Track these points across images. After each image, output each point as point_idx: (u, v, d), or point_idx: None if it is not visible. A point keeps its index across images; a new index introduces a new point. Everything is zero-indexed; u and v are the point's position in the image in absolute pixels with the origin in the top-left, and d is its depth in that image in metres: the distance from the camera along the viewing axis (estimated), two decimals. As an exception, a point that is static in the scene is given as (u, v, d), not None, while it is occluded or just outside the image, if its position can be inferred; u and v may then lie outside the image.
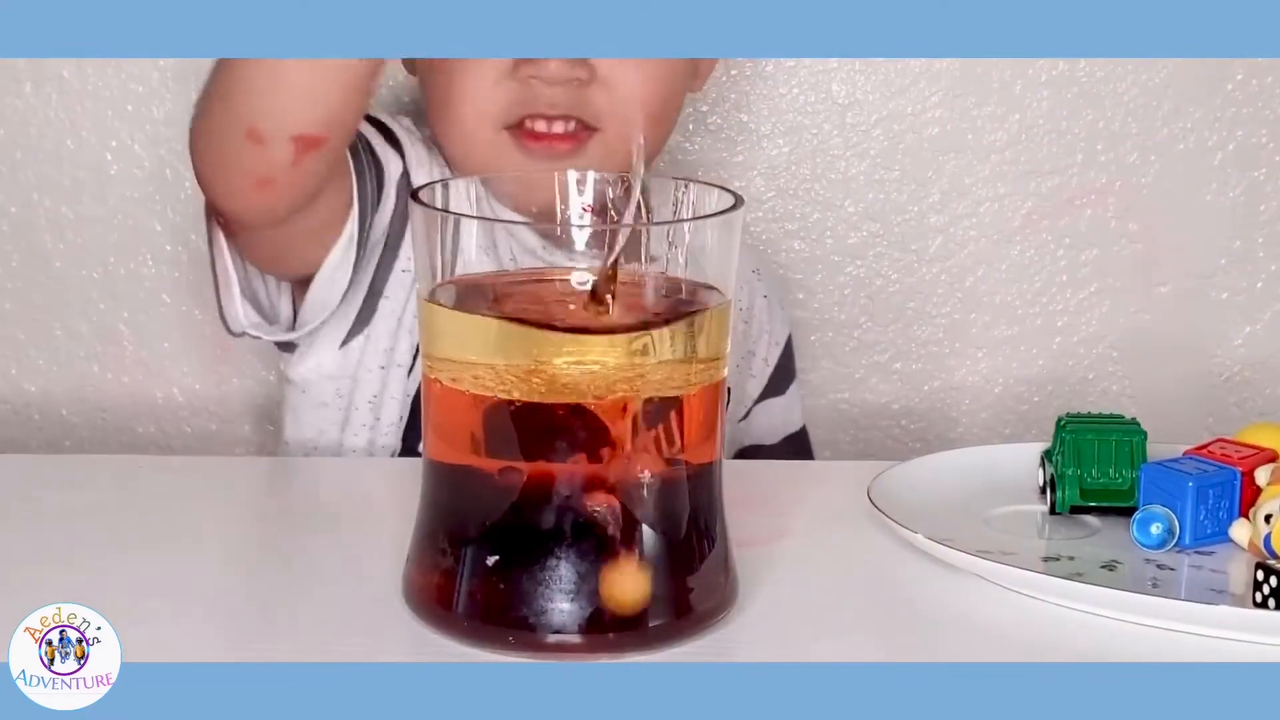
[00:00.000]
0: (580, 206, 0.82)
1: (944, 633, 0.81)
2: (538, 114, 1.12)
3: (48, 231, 1.42)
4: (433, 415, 0.78)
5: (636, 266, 0.76)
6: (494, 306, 0.78)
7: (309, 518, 0.92)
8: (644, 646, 0.75)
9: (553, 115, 1.12)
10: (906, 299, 1.45)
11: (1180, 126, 1.43)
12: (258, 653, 0.76)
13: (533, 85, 1.11)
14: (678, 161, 1.42)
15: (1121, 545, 0.88)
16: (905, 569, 0.86)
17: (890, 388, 1.46)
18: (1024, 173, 1.44)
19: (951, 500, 0.92)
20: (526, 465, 0.75)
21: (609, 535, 0.75)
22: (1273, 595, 0.80)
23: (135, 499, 0.94)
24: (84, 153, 1.41)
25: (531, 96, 1.11)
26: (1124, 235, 1.45)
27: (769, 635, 0.79)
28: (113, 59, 1.39)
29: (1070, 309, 1.46)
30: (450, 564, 0.77)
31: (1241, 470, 0.89)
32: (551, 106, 1.11)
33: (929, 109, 1.42)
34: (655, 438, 0.76)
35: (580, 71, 1.10)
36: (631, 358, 0.74)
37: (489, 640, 0.76)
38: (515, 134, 1.13)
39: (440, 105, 1.15)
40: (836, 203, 1.44)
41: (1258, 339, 1.47)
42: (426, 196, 0.78)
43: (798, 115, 1.43)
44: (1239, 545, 0.88)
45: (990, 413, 1.47)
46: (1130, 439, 0.92)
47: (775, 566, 0.85)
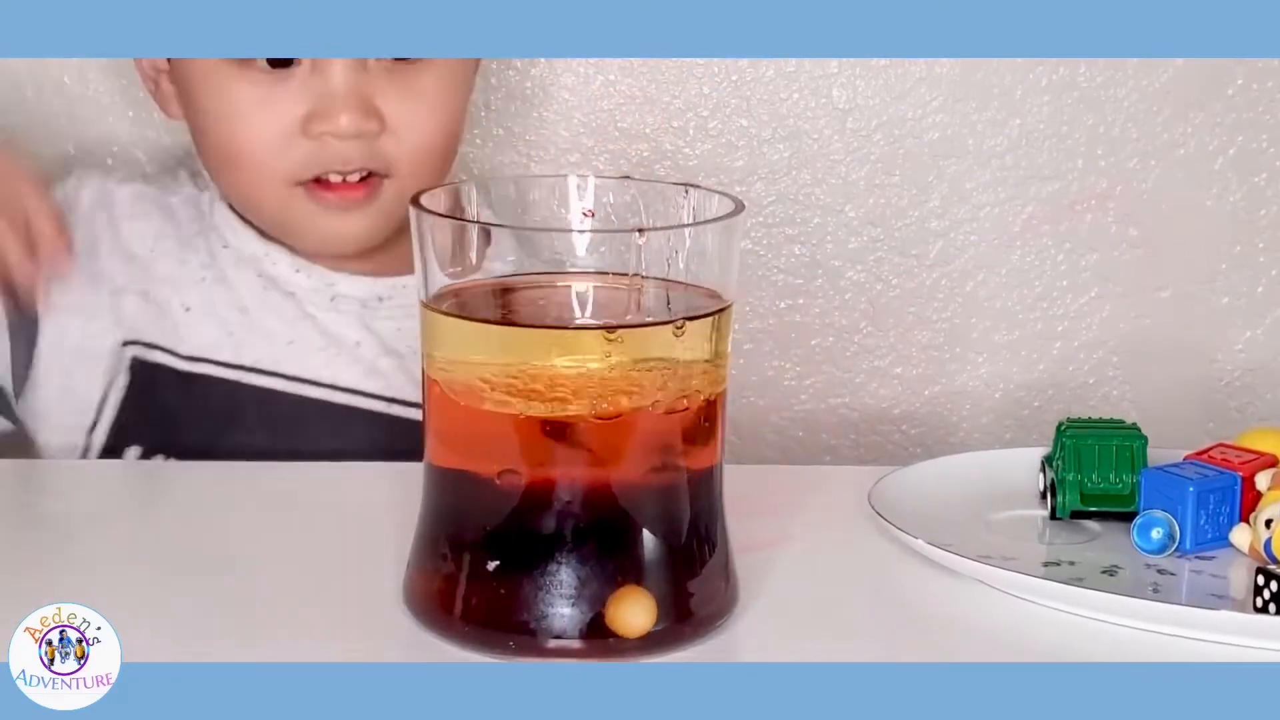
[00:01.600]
0: (580, 211, 0.82)
1: (945, 637, 0.81)
2: (332, 170, 1.11)
3: (49, 236, 1.42)
4: (433, 420, 0.78)
5: (637, 272, 0.76)
6: (494, 311, 0.78)
7: (310, 521, 0.92)
8: (644, 651, 0.75)
9: (347, 170, 1.11)
10: (907, 304, 1.45)
11: (1181, 131, 1.43)
12: (259, 655, 0.76)
13: (326, 142, 1.10)
14: (678, 167, 1.42)
15: (1122, 550, 0.88)
16: (906, 574, 0.86)
17: (891, 392, 1.46)
18: (1024, 177, 1.44)
19: (952, 505, 0.92)
20: (527, 470, 0.75)
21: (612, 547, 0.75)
22: (1273, 600, 0.80)
23: (136, 502, 0.94)
24: (85, 157, 1.41)
25: (326, 155, 1.11)
26: (1124, 240, 1.45)
27: (769, 640, 0.79)
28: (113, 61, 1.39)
29: (1071, 314, 1.46)
30: (451, 569, 0.77)
31: (1242, 475, 0.89)
32: (346, 163, 1.11)
33: (929, 114, 1.43)
34: (655, 443, 0.76)
35: (372, 124, 1.10)
36: (632, 363, 0.74)
37: (489, 645, 0.76)
38: (308, 187, 1.13)
39: (221, 160, 1.14)
40: (837, 208, 1.44)
41: (1258, 344, 1.47)
42: (427, 201, 0.78)
43: (798, 120, 1.43)
44: (1239, 550, 0.88)
45: (991, 417, 1.47)
46: (1131, 444, 0.92)
47: (776, 571, 0.85)
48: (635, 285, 0.76)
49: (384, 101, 1.11)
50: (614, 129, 1.43)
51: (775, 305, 1.45)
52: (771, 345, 1.46)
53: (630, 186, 0.83)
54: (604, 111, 1.42)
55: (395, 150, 1.12)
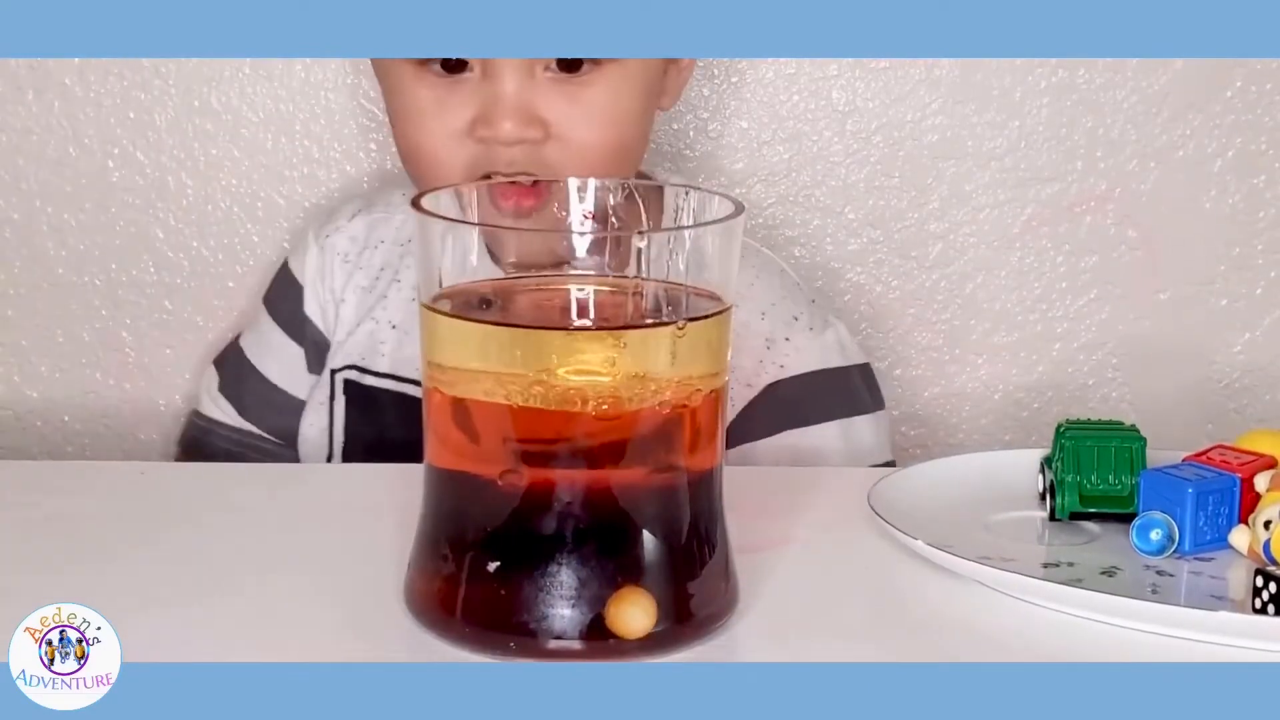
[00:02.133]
0: (581, 214, 0.83)
1: (944, 638, 0.81)
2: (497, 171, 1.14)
3: (50, 238, 1.42)
4: (434, 421, 0.78)
5: (637, 274, 0.77)
6: (494, 313, 0.78)
7: (310, 522, 0.93)
8: (645, 652, 0.76)
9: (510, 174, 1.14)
10: (906, 305, 1.45)
11: (1179, 133, 1.43)
12: (259, 655, 0.76)
13: (492, 146, 1.14)
14: (678, 168, 1.42)
15: (1121, 551, 0.88)
16: (906, 575, 0.86)
17: (890, 394, 1.46)
18: (1024, 179, 1.44)
19: (952, 506, 0.92)
20: (528, 471, 0.75)
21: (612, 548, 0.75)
22: (1272, 601, 0.80)
23: (136, 504, 0.94)
24: (86, 160, 1.41)
25: (492, 158, 1.14)
26: (1123, 242, 1.45)
27: (769, 641, 0.79)
28: (114, 64, 1.39)
29: (1070, 315, 1.46)
30: (451, 569, 0.77)
31: (1241, 476, 0.89)
32: (509, 165, 1.14)
33: (929, 116, 1.43)
34: (656, 444, 0.76)
35: (533, 132, 1.13)
36: (632, 364, 0.74)
37: (490, 646, 0.76)
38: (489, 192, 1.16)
39: (407, 156, 1.20)
40: (836, 209, 1.44)
41: (1257, 345, 1.47)
42: (427, 204, 0.78)
43: (798, 122, 1.43)
44: (1238, 551, 0.88)
45: (990, 419, 1.47)
46: (1130, 445, 0.92)
47: (776, 572, 0.86)
48: (636, 287, 0.76)
49: (548, 110, 1.14)
50: (614, 131, 1.43)
51: (775, 307, 1.45)
52: (771, 347, 1.45)
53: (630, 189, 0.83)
54: (604, 113, 1.42)
55: (560, 158, 1.14)
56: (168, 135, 1.41)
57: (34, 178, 1.41)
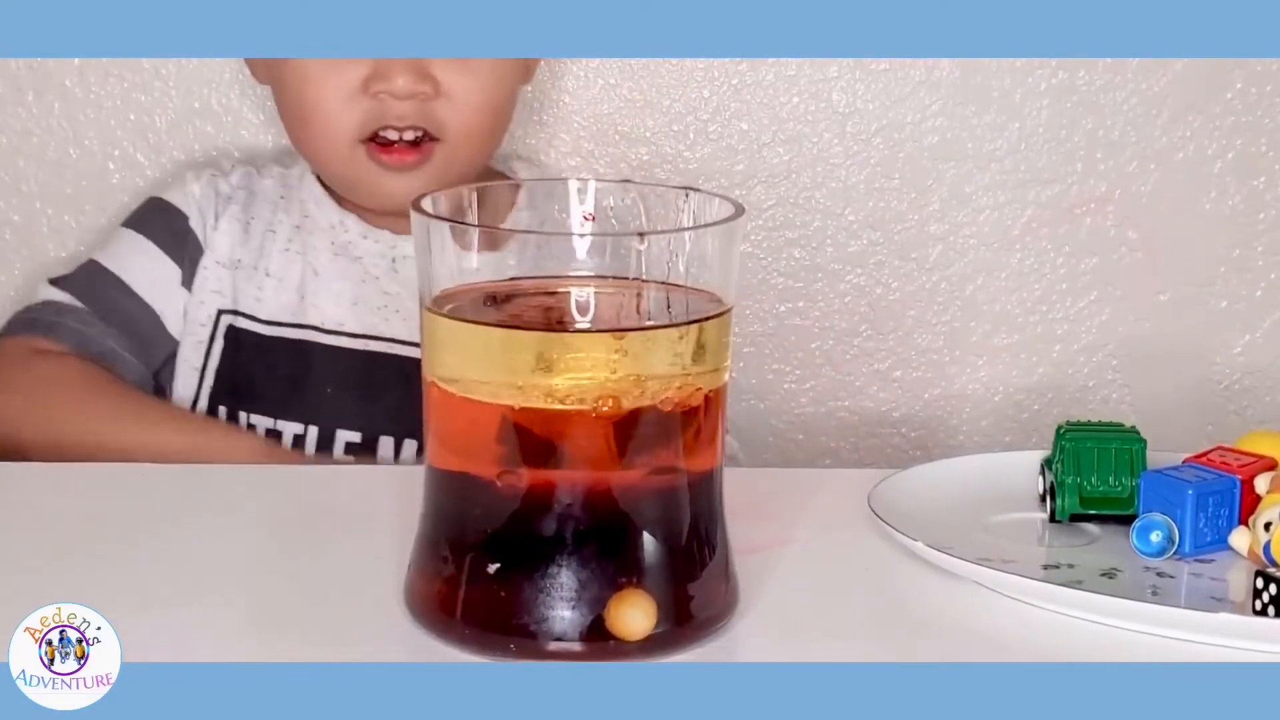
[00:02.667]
0: (581, 215, 0.82)
1: (944, 640, 0.81)
2: (388, 125, 1.22)
3: (50, 240, 1.42)
4: (434, 422, 0.78)
5: (637, 275, 0.76)
6: (494, 314, 0.78)
7: (310, 524, 0.93)
8: (645, 654, 0.76)
9: (401, 126, 1.22)
10: (907, 307, 1.45)
11: (1179, 135, 1.43)
12: (259, 656, 0.76)
13: (384, 100, 1.21)
14: (679, 170, 1.42)
15: (1121, 553, 0.88)
16: (906, 577, 0.86)
17: (890, 395, 1.46)
18: (1024, 181, 1.44)
19: (952, 508, 0.92)
20: (527, 472, 0.75)
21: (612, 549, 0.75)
22: (1272, 603, 0.80)
23: (136, 504, 0.94)
24: (86, 161, 1.41)
25: (384, 112, 1.22)
26: (1123, 243, 1.45)
27: (769, 642, 0.79)
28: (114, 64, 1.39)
29: (1070, 317, 1.46)
30: (452, 571, 0.77)
31: (1241, 478, 0.89)
32: (400, 119, 1.22)
33: (929, 117, 1.43)
34: (656, 445, 0.76)
35: (425, 87, 1.21)
36: (633, 366, 0.74)
37: (490, 648, 0.76)
38: (368, 147, 1.23)
39: (296, 118, 1.26)
40: (837, 211, 1.44)
41: (1257, 347, 1.47)
42: (426, 205, 0.78)
43: (798, 124, 1.43)
44: (1238, 553, 0.88)
45: (990, 420, 1.47)
46: (1130, 447, 0.92)
47: (776, 574, 0.86)
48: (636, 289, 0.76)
49: (439, 69, 1.22)
50: (614, 133, 1.43)
51: (775, 309, 1.45)
52: (771, 349, 1.46)
53: (631, 190, 0.83)
54: (604, 115, 1.43)
55: (447, 114, 1.23)
56: (168, 136, 1.41)
57: (34, 179, 1.41)
